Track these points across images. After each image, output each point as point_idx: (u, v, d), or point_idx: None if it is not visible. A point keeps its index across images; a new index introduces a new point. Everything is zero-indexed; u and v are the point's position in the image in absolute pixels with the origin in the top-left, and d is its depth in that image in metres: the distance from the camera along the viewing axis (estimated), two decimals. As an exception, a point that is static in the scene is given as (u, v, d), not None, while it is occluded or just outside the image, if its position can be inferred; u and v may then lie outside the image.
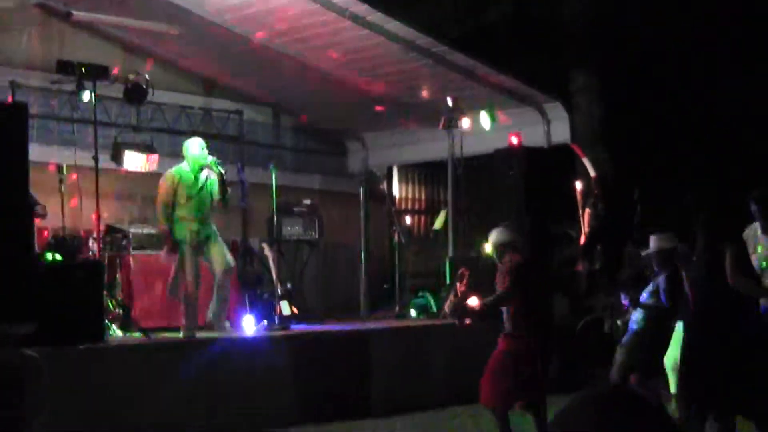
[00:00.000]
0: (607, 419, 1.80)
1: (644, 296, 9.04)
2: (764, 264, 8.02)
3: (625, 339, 9.12)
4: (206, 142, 10.67)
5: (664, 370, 9.12)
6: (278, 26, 12.37)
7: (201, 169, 10.38)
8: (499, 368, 8.23)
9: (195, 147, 10.44)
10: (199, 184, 10.36)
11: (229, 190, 10.57)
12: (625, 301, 9.23)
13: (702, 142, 15.66)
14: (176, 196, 10.25)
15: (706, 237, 7.20)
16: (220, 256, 10.44)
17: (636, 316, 9.06)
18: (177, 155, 10.97)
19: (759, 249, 8.03)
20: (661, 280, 8.90)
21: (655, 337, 8.93)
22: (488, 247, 8.81)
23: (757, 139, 15.36)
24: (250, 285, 11.72)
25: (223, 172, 10.41)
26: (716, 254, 7.10)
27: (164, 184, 10.32)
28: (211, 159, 10.39)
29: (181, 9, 12.09)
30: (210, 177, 10.43)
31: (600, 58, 15.13)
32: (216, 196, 10.42)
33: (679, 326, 8.69)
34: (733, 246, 7.11)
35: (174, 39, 13.02)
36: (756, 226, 8.09)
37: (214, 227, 10.54)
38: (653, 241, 9.02)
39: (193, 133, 13.20)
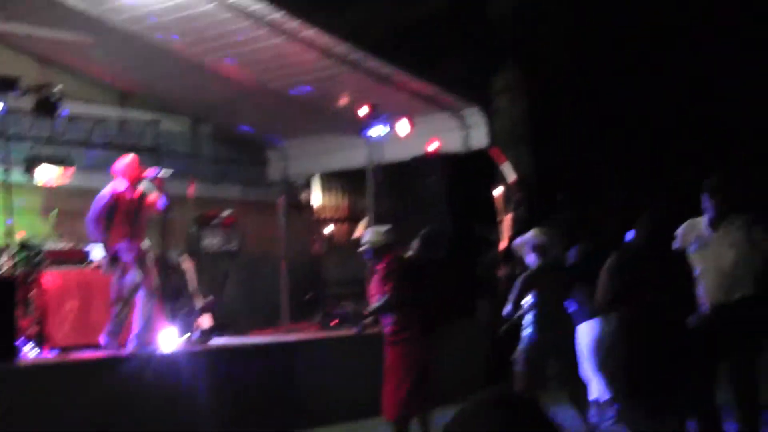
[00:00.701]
0: (492, 426, 1.74)
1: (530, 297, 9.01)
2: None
3: (521, 345, 9.06)
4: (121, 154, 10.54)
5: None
6: (194, 34, 12.21)
7: (137, 184, 10.23)
8: (394, 379, 8.11)
9: (129, 164, 10.33)
10: (137, 201, 10.21)
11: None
12: (507, 308, 9.04)
13: (637, 140, 15.68)
14: (114, 215, 10.08)
15: (648, 232, 7.05)
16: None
17: (527, 319, 9.02)
18: (92, 168, 10.76)
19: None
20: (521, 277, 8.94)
21: (545, 338, 8.89)
22: (362, 248, 8.68)
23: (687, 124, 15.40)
24: (170, 298, 11.53)
25: (163, 177, 10.32)
26: (666, 252, 7.03)
27: (100, 203, 10.11)
28: (149, 175, 10.29)
29: (95, 18, 11.87)
30: (147, 191, 10.30)
31: (523, 57, 15.06)
32: (157, 206, 10.33)
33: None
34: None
35: (88, 49, 12.77)
36: (697, 221, 7.33)
37: (148, 244, 10.40)
38: (531, 233, 9.05)
39: (109, 145, 13.03)
